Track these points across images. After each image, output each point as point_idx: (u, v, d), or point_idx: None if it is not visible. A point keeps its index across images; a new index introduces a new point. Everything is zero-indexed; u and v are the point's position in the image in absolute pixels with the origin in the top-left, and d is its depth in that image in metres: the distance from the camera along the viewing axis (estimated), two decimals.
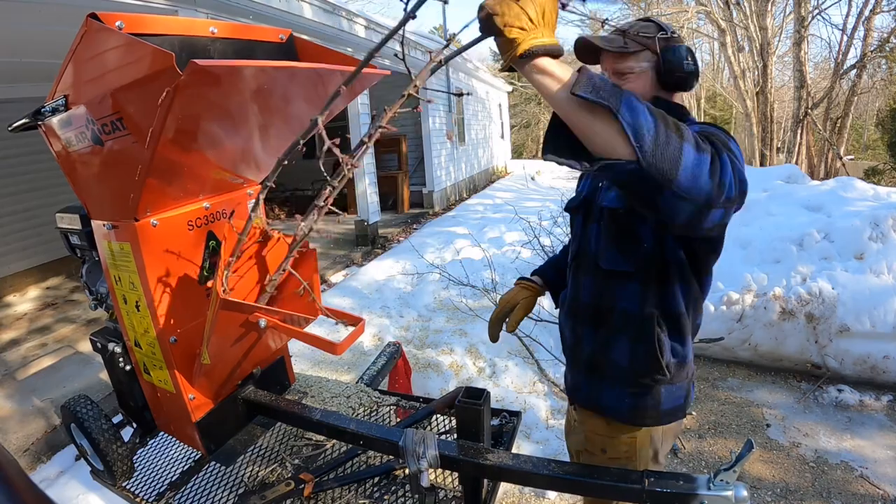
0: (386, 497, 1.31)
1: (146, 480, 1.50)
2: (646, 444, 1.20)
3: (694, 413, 2.85)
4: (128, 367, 1.31)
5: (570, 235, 1.37)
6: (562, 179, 14.07)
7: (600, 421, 1.25)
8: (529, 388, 3.12)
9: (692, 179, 0.75)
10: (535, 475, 0.98)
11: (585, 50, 1.18)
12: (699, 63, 1.13)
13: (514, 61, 0.77)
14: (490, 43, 0.80)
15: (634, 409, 1.18)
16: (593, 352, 1.22)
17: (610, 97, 0.73)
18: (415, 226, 8.04)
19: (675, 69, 1.08)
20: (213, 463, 1.52)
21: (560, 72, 0.76)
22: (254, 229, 1.15)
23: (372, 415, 1.57)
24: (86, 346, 3.70)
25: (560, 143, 0.82)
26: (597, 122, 0.75)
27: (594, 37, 1.16)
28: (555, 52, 0.76)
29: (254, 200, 1.35)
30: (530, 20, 0.73)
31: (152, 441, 1.62)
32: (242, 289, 1.21)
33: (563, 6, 0.77)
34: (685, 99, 1.27)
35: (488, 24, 0.75)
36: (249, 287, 1.22)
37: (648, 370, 1.13)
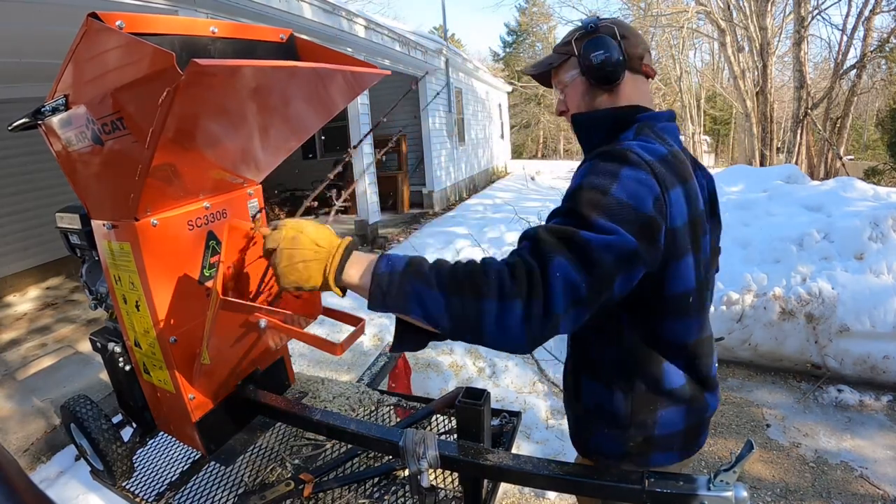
0: (386, 497, 1.31)
1: (146, 480, 1.50)
2: None
3: None
4: (128, 367, 1.31)
5: None
6: (561, 180, 14.07)
7: None
8: (529, 388, 3.12)
9: (499, 336, 0.73)
10: (536, 475, 0.98)
11: (538, 77, 1.15)
12: (625, 47, 0.98)
13: (329, 290, 0.82)
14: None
15: (575, 434, 1.15)
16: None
17: (397, 301, 0.75)
18: (415, 226, 8.04)
19: (593, 65, 0.98)
20: (212, 463, 1.52)
21: (361, 284, 0.79)
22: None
23: (372, 415, 1.57)
24: (86, 346, 3.70)
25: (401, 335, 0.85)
26: (402, 317, 0.79)
27: (527, 67, 1.15)
28: (346, 262, 0.80)
29: (254, 202, 1.35)
30: (311, 266, 0.79)
31: (152, 441, 1.62)
32: (243, 289, 1.21)
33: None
34: (685, 99, 1.26)
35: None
36: (250, 288, 1.22)
37: (571, 403, 1.12)
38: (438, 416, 1.51)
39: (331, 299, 4.53)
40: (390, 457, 1.34)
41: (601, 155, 0.88)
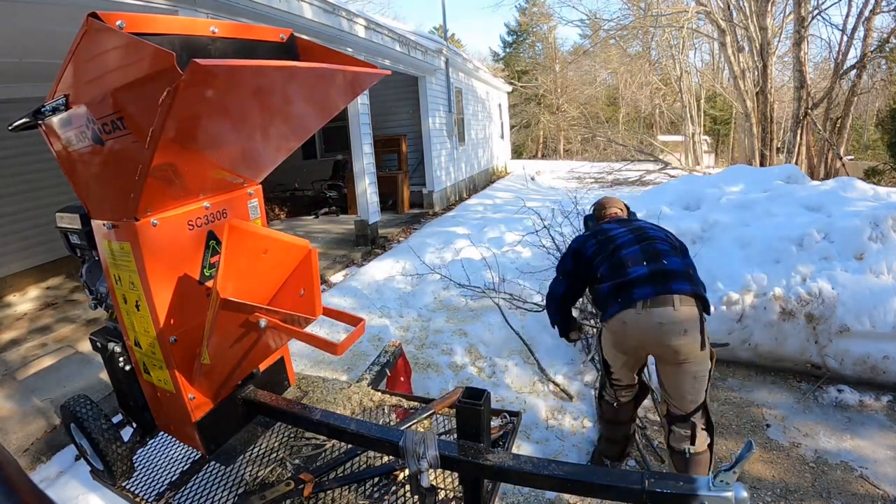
0: (386, 497, 1.31)
1: (146, 480, 1.50)
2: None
3: None
4: (128, 367, 1.31)
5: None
6: (562, 180, 14.07)
7: None
8: (529, 388, 3.12)
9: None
10: (536, 475, 0.98)
11: None
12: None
13: None
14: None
15: None
16: None
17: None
18: (415, 226, 8.04)
19: (585, 223, 2.53)
20: (212, 463, 1.52)
21: None
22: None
23: (372, 415, 1.57)
24: (86, 346, 3.70)
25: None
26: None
27: None
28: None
29: (254, 202, 1.35)
30: None
31: (152, 441, 1.62)
32: (243, 290, 1.21)
33: None
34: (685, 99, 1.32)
35: None
36: (250, 288, 1.22)
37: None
38: (438, 416, 1.52)
39: (331, 299, 4.53)
40: (391, 457, 1.34)
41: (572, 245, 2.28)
